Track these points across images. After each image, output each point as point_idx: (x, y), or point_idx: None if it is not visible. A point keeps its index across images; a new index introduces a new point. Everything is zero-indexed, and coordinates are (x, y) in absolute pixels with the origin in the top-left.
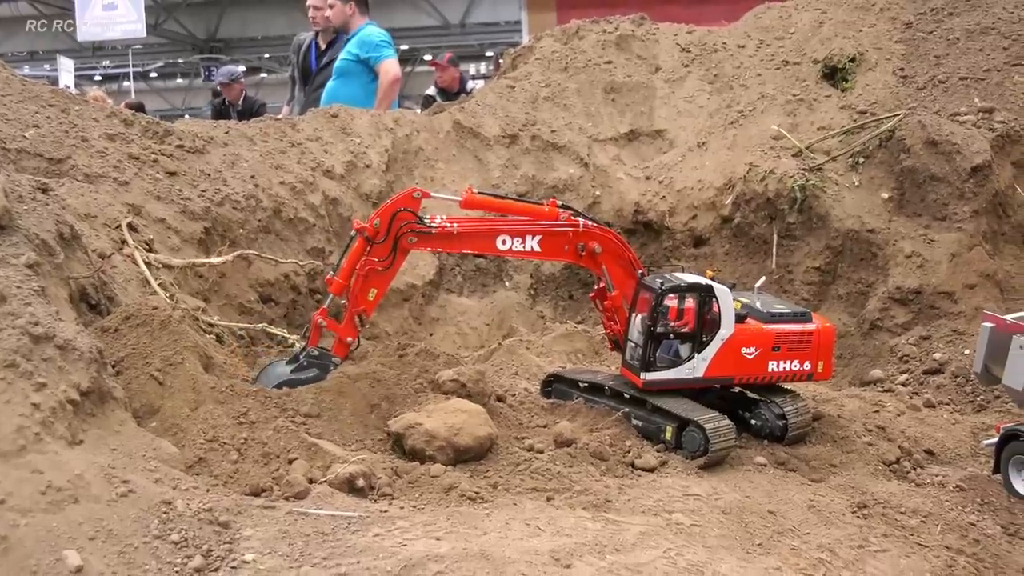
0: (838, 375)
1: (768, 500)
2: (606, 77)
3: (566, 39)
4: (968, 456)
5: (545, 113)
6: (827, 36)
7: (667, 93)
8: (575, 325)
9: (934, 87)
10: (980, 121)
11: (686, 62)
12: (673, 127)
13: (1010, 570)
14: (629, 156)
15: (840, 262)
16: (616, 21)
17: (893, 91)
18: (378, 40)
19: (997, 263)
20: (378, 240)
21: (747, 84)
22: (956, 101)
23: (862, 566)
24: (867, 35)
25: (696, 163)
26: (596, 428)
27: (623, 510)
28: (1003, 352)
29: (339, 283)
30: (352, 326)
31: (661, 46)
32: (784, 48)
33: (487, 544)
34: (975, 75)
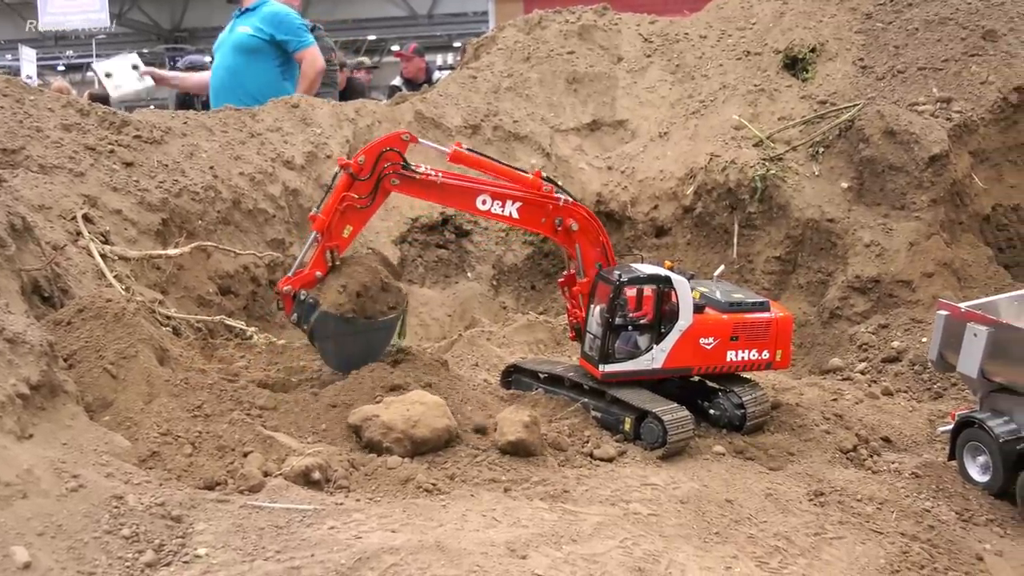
0: (798, 364)
1: (726, 489)
2: (568, 67)
3: (529, 29)
4: (924, 443)
5: (507, 103)
6: (788, 26)
7: (629, 83)
8: (537, 316)
9: (893, 77)
10: (938, 111)
11: (648, 52)
12: (635, 117)
13: (964, 556)
14: (591, 146)
15: (800, 251)
16: (579, 11)
17: (853, 81)
18: (298, 24)
19: (954, 252)
20: (362, 177)
21: (709, 74)
22: (915, 91)
23: (818, 553)
24: (827, 25)
25: (658, 153)
26: (555, 419)
27: (581, 500)
28: (957, 340)
29: (322, 219)
30: (322, 261)
31: (623, 36)
32: (745, 38)
33: (443, 536)
34: (933, 65)
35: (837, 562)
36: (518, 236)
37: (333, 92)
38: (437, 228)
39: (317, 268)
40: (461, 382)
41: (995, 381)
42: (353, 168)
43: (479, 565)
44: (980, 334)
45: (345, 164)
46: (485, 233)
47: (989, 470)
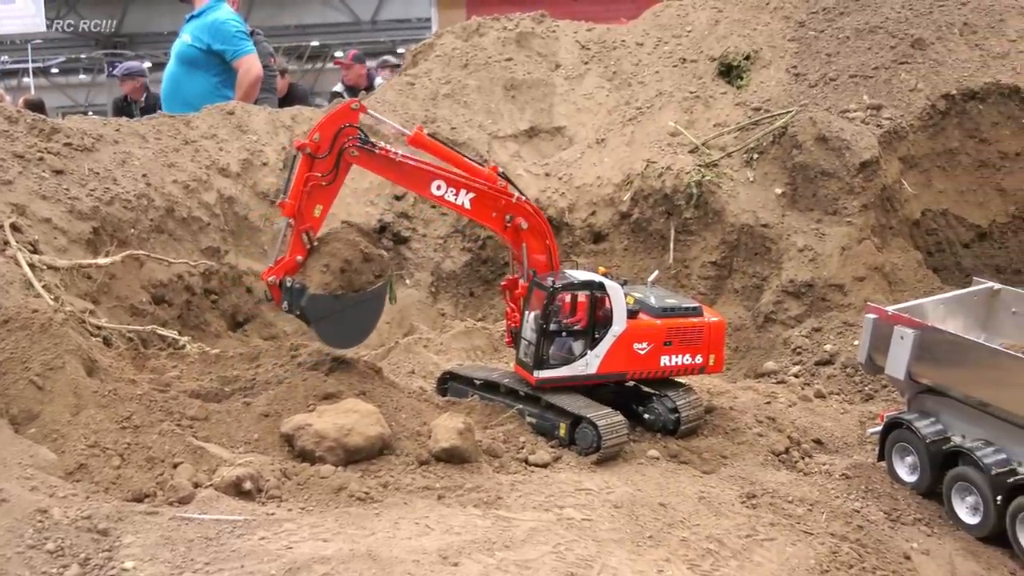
0: (733, 368)
1: (659, 493)
2: (506, 74)
3: (467, 36)
4: (855, 444)
5: (445, 110)
6: (723, 34)
7: (567, 90)
8: (475, 322)
9: (825, 84)
10: (868, 118)
11: (585, 59)
12: (572, 124)
13: (892, 555)
14: (529, 153)
15: (735, 256)
16: (517, 18)
17: (786, 88)
18: (234, 31)
19: (885, 256)
20: (320, 155)
21: (645, 81)
22: (846, 98)
23: (749, 555)
24: (761, 33)
25: (595, 160)
26: (491, 425)
27: (514, 506)
28: (885, 342)
29: (290, 204)
30: (300, 244)
31: (561, 43)
32: (682, 46)
33: (374, 544)
34: (864, 73)
35: (768, 563)
36: (456, 243)
37: (272, 98)
38: (375, 235)
39: (297, 253)
40: (396, 390)
41: (922, 383)
42: (311, 148)
43: (410, 573)
44: (907, 337)
45: (302, 145)
46: (423, 240)
47: (917, 470)
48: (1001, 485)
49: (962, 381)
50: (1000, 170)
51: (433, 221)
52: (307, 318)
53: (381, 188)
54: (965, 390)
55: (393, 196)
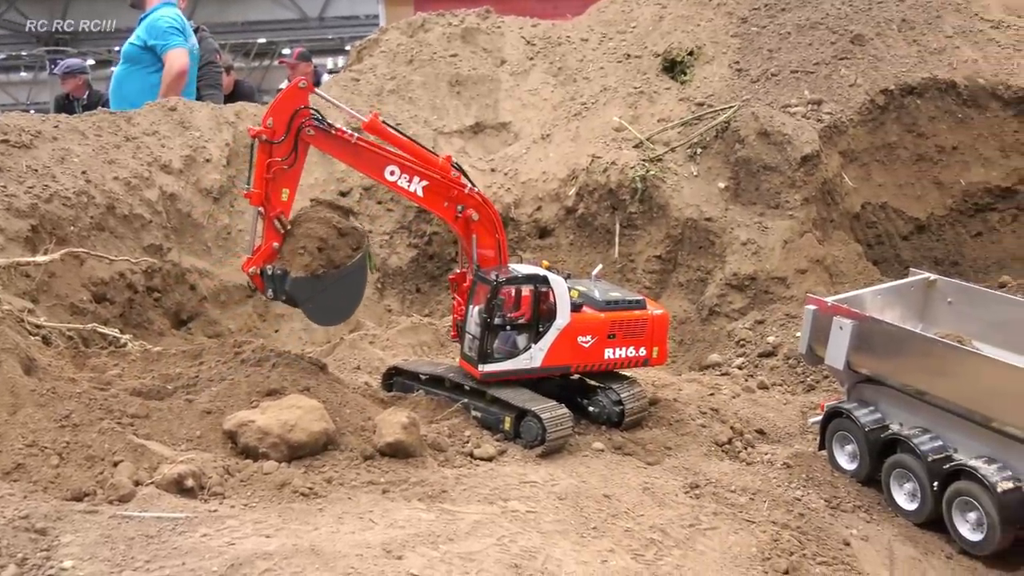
0: (678, 360)
1: (604, 484)
2: (451, 70)
3: (412, 32)
4: (797, 434)
5: (390, 106)
6: (667, 30)
7: (512, 86)
8: (421, 318)
9: (767, 80)
10: (809, 112)
11: (531, 55)
12: (518, 119)
13: (831, 542)
14: (475, 148)
15: (680, 250)
16: (462, 14)
17: (729, 83)
18: (166, 27)
19: (826, 249)
20: (277, 140)
21: (590, 77)
22: (787, 93)
23: (692, 544)
24: (705, 29)
25: (540, 155)
26: (436, 419)
27: (459, 500)
28: (825, 333)
29: (257, 193)
30: (273, 231)
31: (506, 39)
32: (626, 41)
33: (318, 539)
34: (805, 68)
35: (711, 552)
36: (402, 239)
37: (217, 94)
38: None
39: (272, 239)
40: (341, 385)
41: (861, 372)
42: (266, 134)
43: (354, 567)
44: (845, 327)
45: (257, 132)
46: (369, 236)
47: (856, 458)
48: (937, 471)
49: (899, 370)
50: (937, 164)
51: (379, 217)
52: (293, 301)
53: (326, 184)
54: (902, 379)
55: (339, 192)
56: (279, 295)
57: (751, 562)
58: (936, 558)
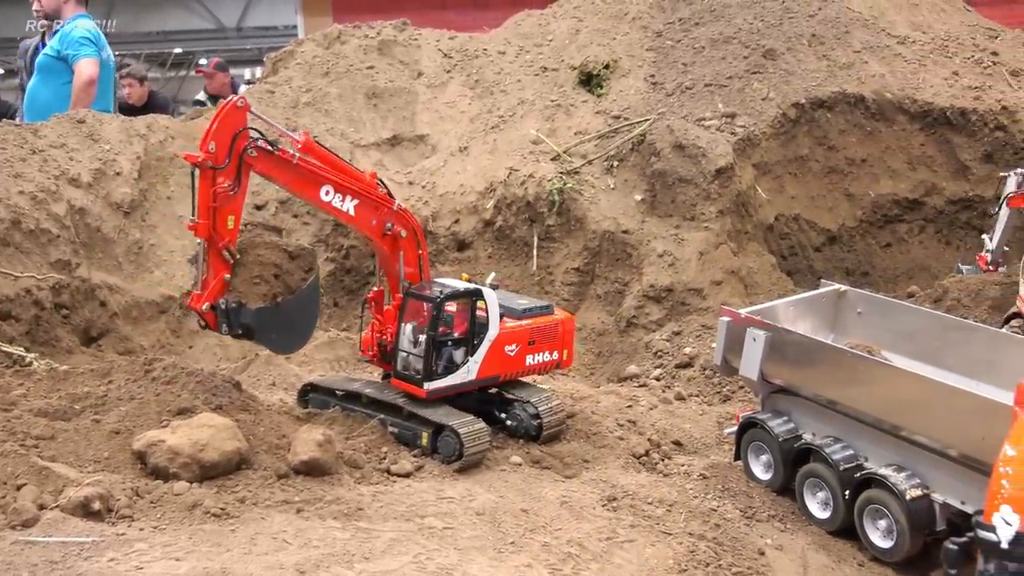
0: (596, 372)
1: (521, 499)
2: (368, 82)
3: (328, 44)
4: (713, 445)
5: (306, 118)
6: (583, 43)
7: (429, 98)
8: (339, 332)
9: (682, 93)
10: (723, 125)
11: (448, 68)
12: (435, 132)
13: (747, 551)
14: (392, 161)
15: (598, 262)
16: (378, 26)
17: (644, 97)
18: (79, 36)
19: (741, 260)
20: (221, 165)
21: (507, 90)
22: (702, 106)
23: (610, 557)
24: (620, 43)
25: (458, 168)
26: (352, 436)
27: (375, 517)
28: (739, 344)
29: (203, 223)
30: (222, 262)
31: (423, 52)
32: (543, 55)
33: (229, 561)
34: (719, 82)
35: (628, 565)
36: (320, 253)
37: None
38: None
39: (221, 271)
40: (255, 403)
41: (774, 383)
42: (210, 160)
43: None
44: (759, 338)
45: (198, 160)
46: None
47: (771, 468)
48: (849, 480)
49: (811, 380)
50: (848, 176)
51: (295, 231)
52: (251, 334)
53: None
54: (814, 389)
55: (253, 206)
56: (234, 329)
57: (667, 574)
58: (848, 565)
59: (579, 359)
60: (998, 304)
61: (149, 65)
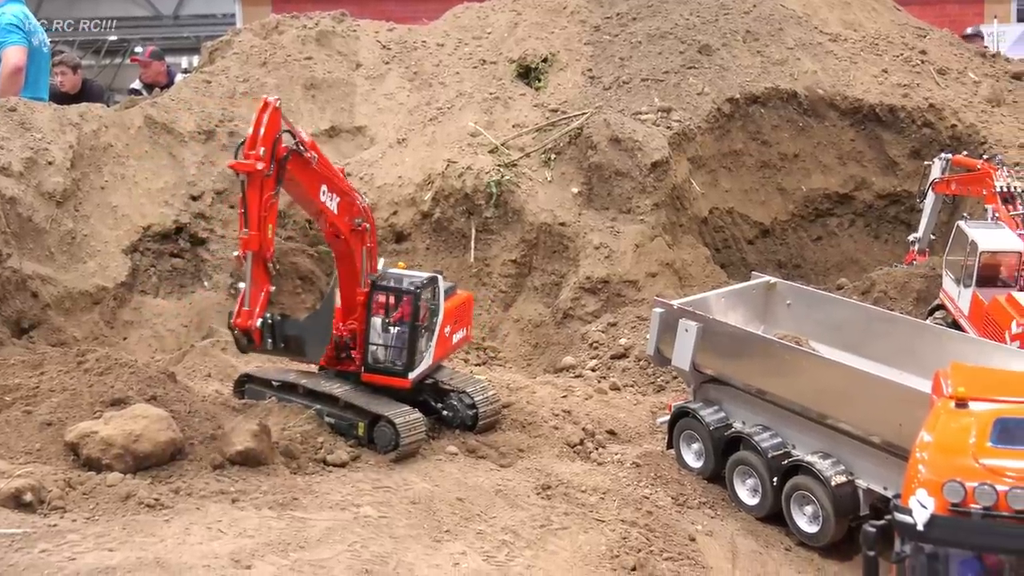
0: (533, 363)
1: (457, 488)
2: (306, 73)
3: (265, 34)
4: (646, 434)
5: (243, 109)
6: (522, 37)
7: (368, 90)
8: None
9: (619, 87)
10: (659, 120)
11: (387, 59)
12: (374, 124)
13: (678, 537)
14: (330, 153)
15: (535, 255)
16: (316, 17)
17: (582, 91)
18: (5, 23)
19: (676, 252)
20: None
21: (446, 82)
22: (638, 101)
23: (543, 545)
24: (559, 37)
25: (396, 160)
26: (288, 426)
27: (311, 507)
28: (672, 335)
29: (255, 235)
30: (267, 276)
31: (362, 43)
32: (482, 47)
33: (163, 551)
34: (655, 77)
35: (562, 551)
36: None
37: None
38: (171, 237)
39: (266, 284)
40: (189, 393)
41: (706, 373)
42: (264, 167)
43: None
44: (691, 329)
45: (251, 168)
46: (222, 241)
47: (702, 456)
48: (777, 467)
49: (741, 370)
50: (780, 170)
51: (231, 222)
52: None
53: (176, 188)
54: (744, 379)
55: (189, 196)
56: (278, 344)
57: (600, 560)
58: (776, 550)
59: (516, 350)
60: (923, 296)
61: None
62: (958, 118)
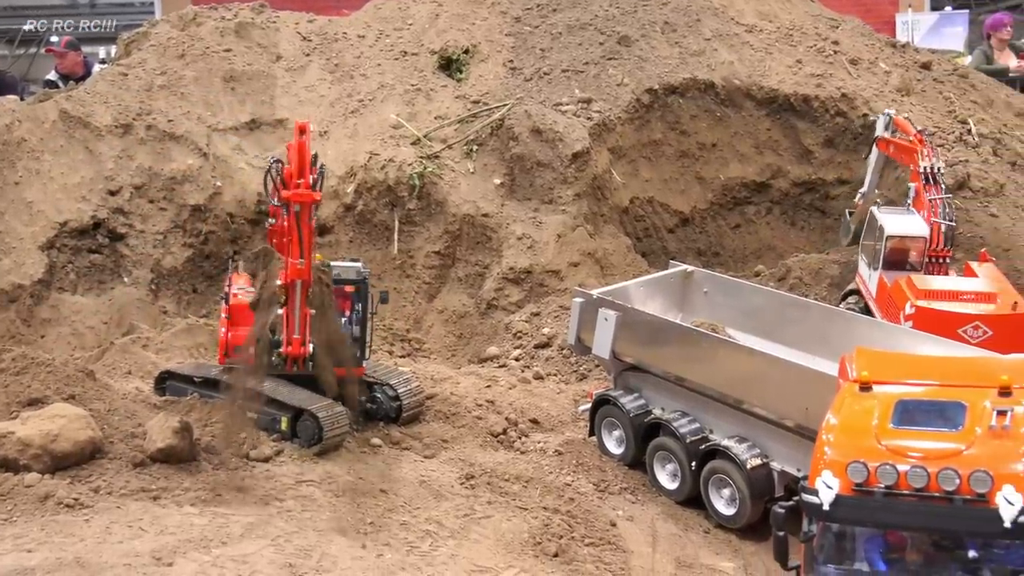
0: (458, 354)
1: (381, 480)
2: (225, 65)
3: (183, 25)
4: (569, 422)
5: (161, 102)
6: (443, 28)
7: (288, 82)
8: (198, 319)
9: (540, 78)
10: (580, 110)
11: (307, 51)
12: (295, 116)
13: (599, 523)
14: (251, 145)
15: (458, 246)
16: (235, 8)
17: (503, 82)
18: None
19: (597, 242)
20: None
21: (367, 74)
22: (559, 92)
23: (467, 534)
24: (480, 28)
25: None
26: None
27: (233, 502)
28: (592, 324)
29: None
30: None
31: (282, 35)
32: (403, 39)
33: (83, 551)
34: (575, 68)
35: (485, 540)
36: (177, 239)
37: None
38: (89, 232)
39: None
40: (109, 392)
41: (625, 361)
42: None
43: None
44: (610, 318)
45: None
46: (141, 236)
47: (623, 443)
48: (695, 452)
49: (660, 358)
50: (699, 160)
51: (151, 216)
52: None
53: (93, 183)
54: (663, 366)
55: (107, 191)
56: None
57: (523, 547)
58: (695, 533)
59: (440, 341)
60: (837, 282)
61: None
62: (869, 107)
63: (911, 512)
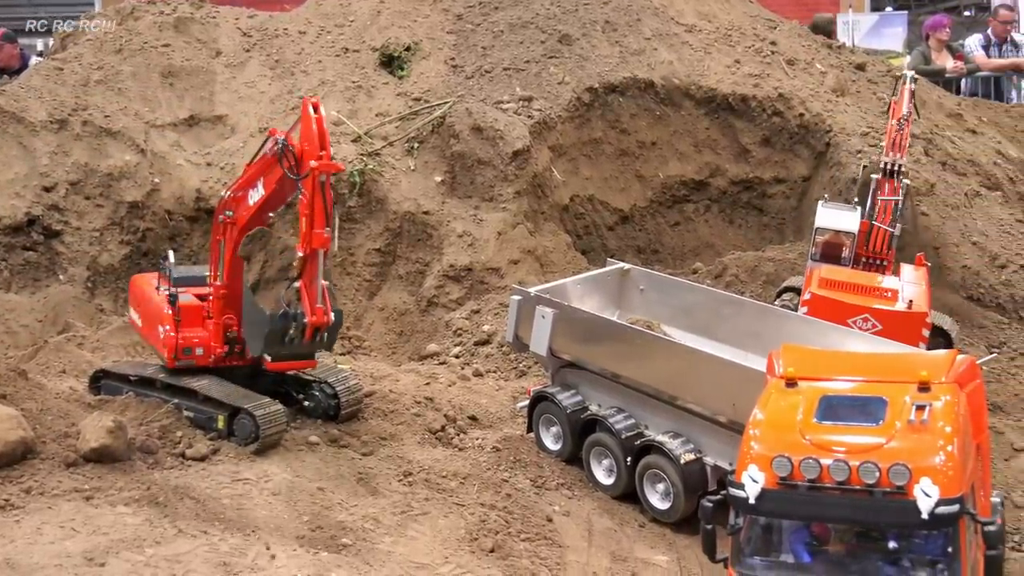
0: (398, 351)
1: (318, 477)
2: (164, 60)
3: (120, 19)
4: (507, 419)
5: (98, 97)
6: (385, 25)
7: (228, 78)
8: None
9: (481, 76)
10: (520, 109)
11: (247, 47)
12: (235, 112)
13: (536, 519)
14: (190, 142)
15: (399, 243)
16: (174, 3)
17: (445, 79)
18: None
19: (537, 240)
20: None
21: (308, 70)
22: (500, 90)
23: (404, 530)
24: (422, 25)
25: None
26: (146, 421)
27: (169, 502)
28: (530, 321)
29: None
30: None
31: (221, 30)
32: (344, 35)
33: (13, 552)
34: (517, 66)
35: (422, 536)
36: (114, 236)
37: None
38: (23, 229)
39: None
40: (42, 391)
41: (563, 358)
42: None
43: None
44: (547, 316)
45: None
46: (77, 233)
47: (560, 439)
48: (630, 447)
49: (596, 355)
50: (639, 158)
51: (87, 213)
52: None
53: (28, 179)
54: (599, 363)
55: (42, 187)
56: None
57: (460, 543)
58: (630, 527)
59: (381, 338)
60: (772, 279)
61: None
62: (805, 107)
63: (834, 505)
